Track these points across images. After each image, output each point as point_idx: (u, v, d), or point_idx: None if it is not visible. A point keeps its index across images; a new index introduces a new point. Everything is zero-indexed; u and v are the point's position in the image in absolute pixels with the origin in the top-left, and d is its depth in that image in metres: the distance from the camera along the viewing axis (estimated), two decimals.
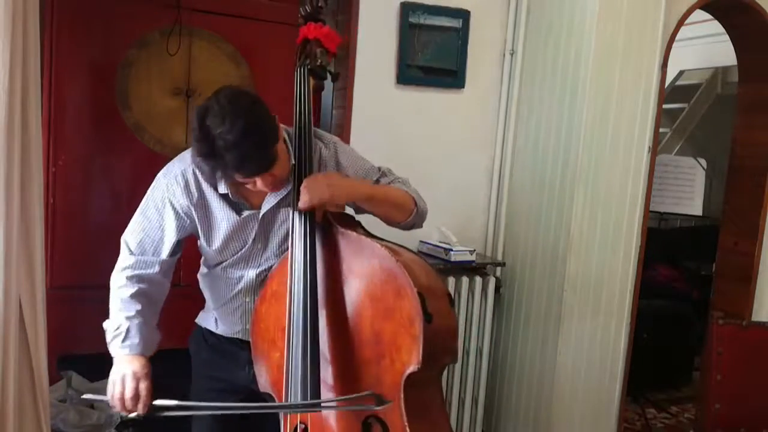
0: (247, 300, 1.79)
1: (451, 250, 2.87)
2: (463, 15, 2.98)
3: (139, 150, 2.73)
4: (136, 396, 1.64)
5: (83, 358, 2.81)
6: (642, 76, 2.79)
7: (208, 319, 1.90)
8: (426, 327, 1.52)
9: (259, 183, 1.58)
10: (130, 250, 1.73)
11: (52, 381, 2.56)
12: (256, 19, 2.84)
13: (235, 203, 1.72)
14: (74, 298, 2.68)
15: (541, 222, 2.94)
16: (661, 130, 3.19)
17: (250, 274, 1.77)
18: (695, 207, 4.00)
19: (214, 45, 2.79)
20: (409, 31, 2.87)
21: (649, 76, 2.81)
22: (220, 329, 1.87)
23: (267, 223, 1.73)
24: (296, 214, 1.64)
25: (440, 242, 2.94)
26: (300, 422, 1.65)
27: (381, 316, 1.59)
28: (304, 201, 1.59)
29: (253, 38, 2.85)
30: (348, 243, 1.65)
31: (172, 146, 2.78)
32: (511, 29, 3.09)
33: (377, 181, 1.77)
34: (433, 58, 2.97)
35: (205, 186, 1.70)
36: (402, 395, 1.54)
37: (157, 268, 1.74)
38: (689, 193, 4.00)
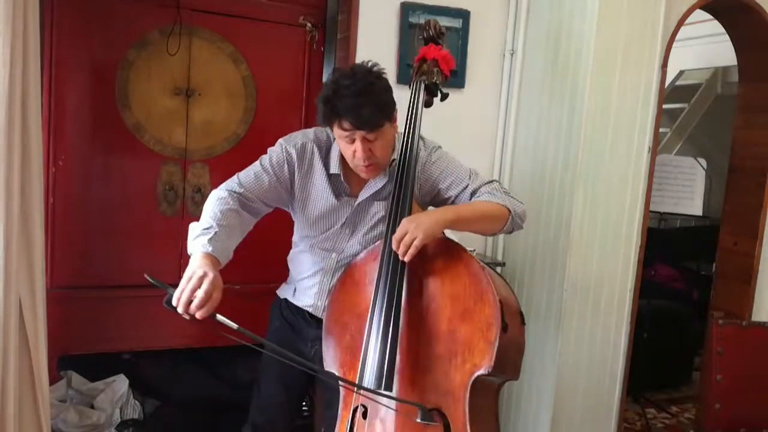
0: (324, 280, 1.95)
1: None
2: (463, 15, 2.97)
3: (139, 150, 2.74)
4: (206, 299, 1.54)
5: (83, 358, 2.82)
6: (642, 76, 2.79)
7: (289, 290, 2.06)
8: (501, 335, 1.63)
9: (359, 147, 1.72)
10: (239, 182, 1.86)
11: (52, 381, 2.56)
12: (256, 19, 2.84)
13: (337, 187, 1.89)
14: (74, 298, 2.69)
15: (541, 222, 2.94)
16: (661, 130, 3.18)
17: (333, 256, 1.94)
18: (695, 207, 3.99)
19: (214, 45, 2.79)
20: (409, 31, 2.87)
21: (649, 76, 2.80)
22: (296, 299, 2.02)
23: (359, 212, 1.90)
24: (392, 213, 1.77)
25: None
26: (361, 404, 1.75)
27: (459, 316, 1.69)
28: (402, 253, 1.68)
29: (253, 38, 2.85)
30: (436, 244, 1.77)
31: (172, 146, 2.79)
32: (511, 29, 3.08)
33: (465, 188, 1.89)
34: None
35: (317, 163, 1.88)
36: (468, 395, 1.64)
37: (255, 205, 1.87)
38: (689, 193, 3.99)
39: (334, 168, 1.87)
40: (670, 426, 3.82)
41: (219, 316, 1.54)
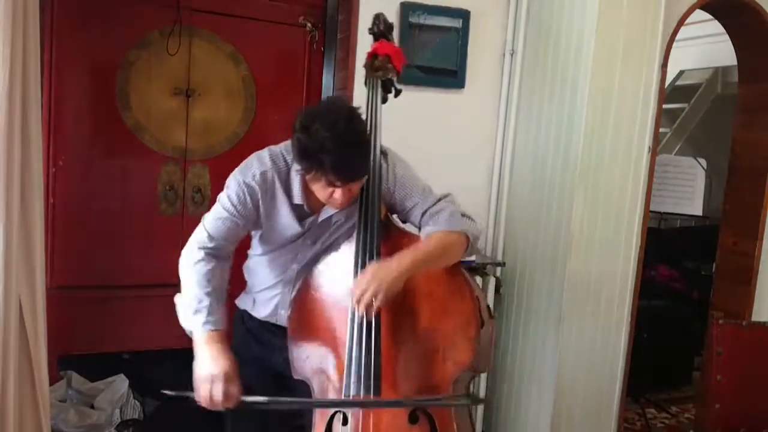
0: (285, 290, 1.88)
1: None
2: (463, 15, 2.98)
3: (139, 150, 2.74)
4: (226, 398, 1.63)
5: (83, 358, 2.82)
6: (642, 76, 2.79)
7: (248, 301, 1.98)
8: (479, 330, 1.64)
9: (338, 194, 1.63)
10: (209, 235, 1.78)
11: (52, 381, 2.56)
12: (256, 19, 2.84)
13: (301, 213, 1.81)
14: (74, 298, 2.69)
15: (541, 222, 2.94)
16: (661, 130, 3.18)
17: (293, 267, 1.87)
18: (695, 207, 3.99)
19: (214, 45, 2.80)
20: (409, 31, 2.87)
21: (649, 76, 2.80)
22: (256, 311, 1.95)
23: (322, 227, 1.83)
24: (361, 221, 1.72)
25: None
26: (339, 410, 1.71)
27: (438, 314, 1.68)
28: (362, 314, 1.61)
29: (253, 38, 2.85)
30: (409, 243, 1.73)
31: (172, 146, 2.79)
32: (511, 29, 3.08)
33: (415, 205, 1.78)
34: (433, 58, 2.97)
35: (278, 192, 1.78)
36: (452, 392, 1.64)
37: (231, 248, 1.82)
38: (689, 193, 3.99)
39: (297, 199, 1.79)
40: (670, 426, 3.81)
41: (246, 398, 1.63)
